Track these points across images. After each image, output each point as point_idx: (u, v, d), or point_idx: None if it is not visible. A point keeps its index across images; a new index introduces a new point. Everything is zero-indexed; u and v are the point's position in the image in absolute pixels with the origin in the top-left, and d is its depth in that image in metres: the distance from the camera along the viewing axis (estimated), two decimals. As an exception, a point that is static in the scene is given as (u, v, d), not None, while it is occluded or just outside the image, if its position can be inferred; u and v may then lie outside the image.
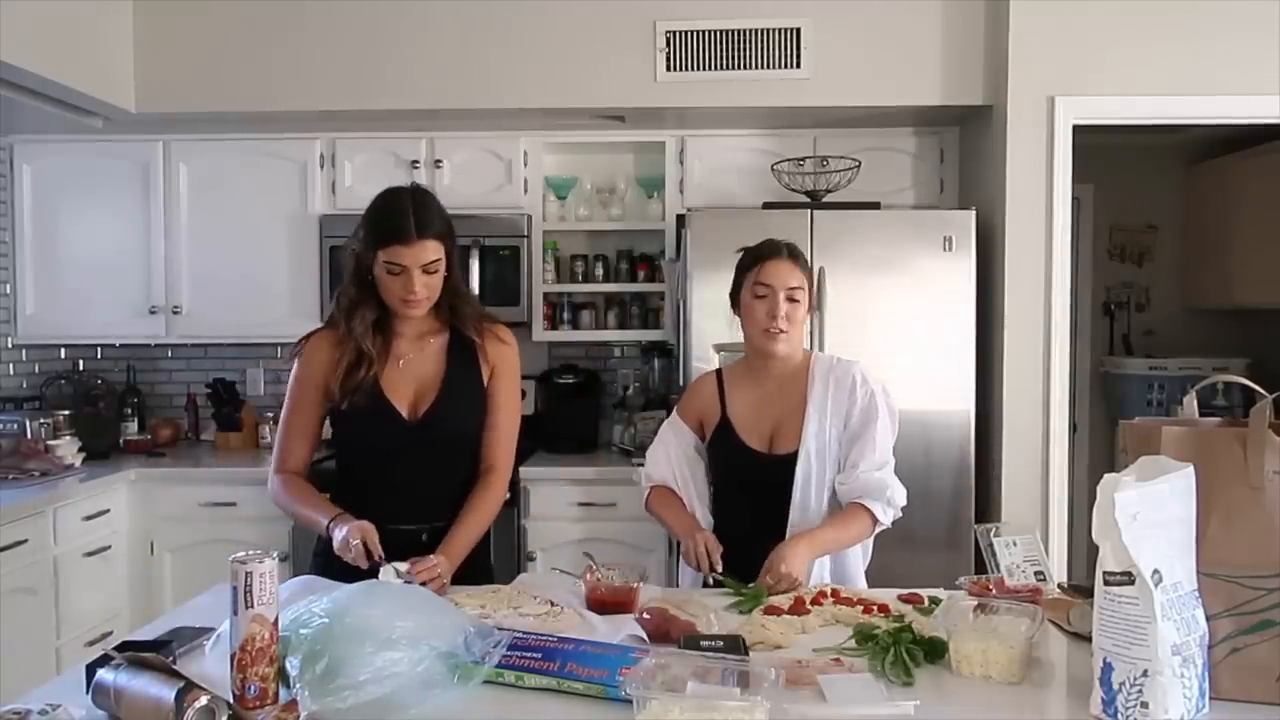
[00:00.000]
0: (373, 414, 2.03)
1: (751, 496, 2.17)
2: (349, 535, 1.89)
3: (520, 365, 2.21)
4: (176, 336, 4.05)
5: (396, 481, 2.06)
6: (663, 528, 2.41)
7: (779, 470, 2.14)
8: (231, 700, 1.30)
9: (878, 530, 2.14)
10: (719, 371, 2.32)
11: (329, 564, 1.95)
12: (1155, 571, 1.26)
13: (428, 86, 3.62)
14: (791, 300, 2.13)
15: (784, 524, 2.13)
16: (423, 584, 1.83)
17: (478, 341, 2.10)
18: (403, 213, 1.96)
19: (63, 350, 4.30)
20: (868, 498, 2.10)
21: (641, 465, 2.27)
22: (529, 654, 1.46)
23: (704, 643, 1.53)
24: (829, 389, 2.17)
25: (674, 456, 2.26)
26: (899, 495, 2.13)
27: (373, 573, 1.83)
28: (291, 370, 2.12)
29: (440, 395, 2.06)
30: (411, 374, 2.07)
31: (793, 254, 2.18)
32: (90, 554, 3.44)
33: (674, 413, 2.34)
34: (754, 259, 2.18)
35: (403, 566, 1.85)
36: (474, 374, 2.11)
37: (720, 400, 2.24)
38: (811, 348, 3.34)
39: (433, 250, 1.98)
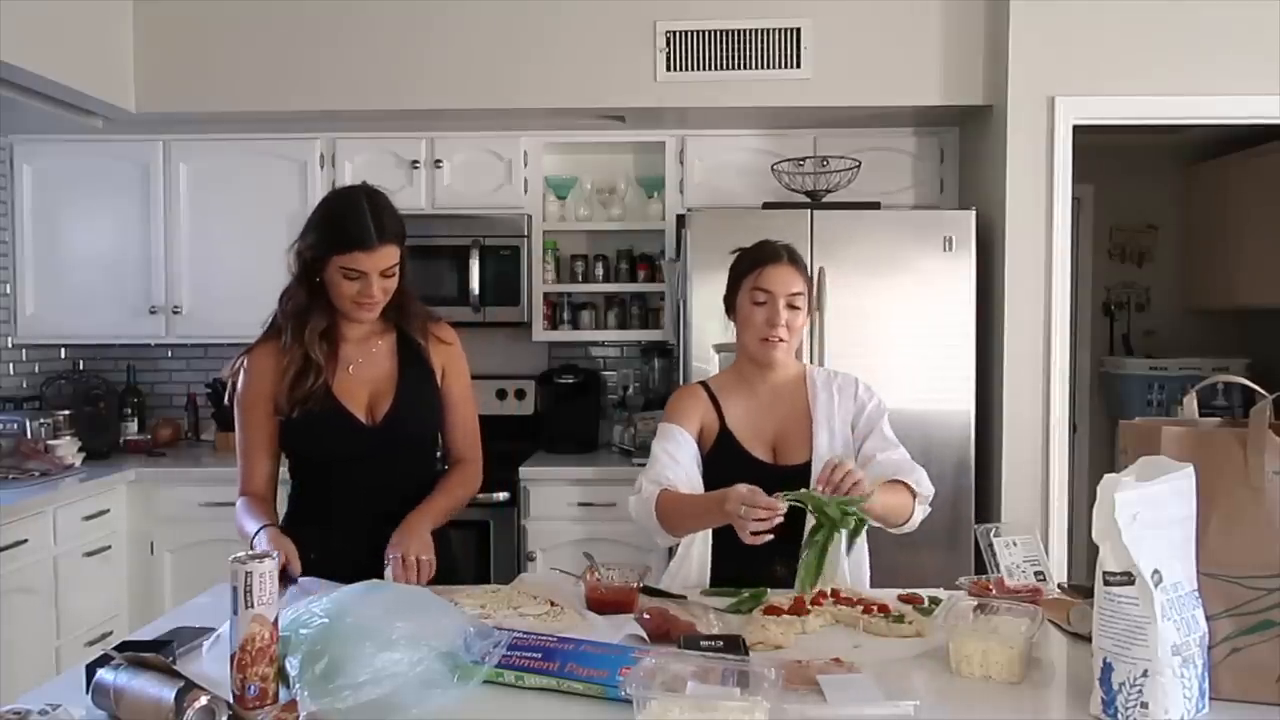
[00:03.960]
0: (329, 421, 1.98)
1: None
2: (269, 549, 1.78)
3: (467, 358, 2.17)
4: (176, 336, 4.06)
5: (358, 488, 2.02)
6: (679, 531, 2.06)
7: (790, 483, 1.99)
8: (231, 700, 1.30)
9: (919, 509, 2.00)
10: (704, 383, 2.19)
11: (320, 564, 1.91)
12: (1155, 572, 1.26)
13: (428, 86, 3.62)
14: (792, 307, 2.05)
15: (796, 540, 1.96)
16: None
17: (423, 342, 2.08)
18: (361, 217, 1.91)
19: (63, 350, 4.30)
20: (901, 475, 1.99)
21: (642, 465, 2.17)
22: (529, 654, 1.45)
23: (704, 643, 1.53)
24: (834, 398, 2.11)
25: (682, 459, 2.07)
26: (927, 482, 2.02)
27: (358, 575, 1.76)
28: (236, 387, 2.04)
29: (397, 397, 2.03)
30: (363, 378, 2.03)
31: (793, 258, 2.09)
32: (90, 554, 3.44)
33: (667, 424, 2.13)
34: (752, 263, 2.09)
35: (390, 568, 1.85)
36: (426, 372, 2.08)
37: (716, 410, 2.12)
38: (812, 348, 3.34)
39: (392, 255, 1.94)
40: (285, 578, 1.78)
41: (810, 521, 1.88)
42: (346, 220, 1.93)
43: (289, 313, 2.00)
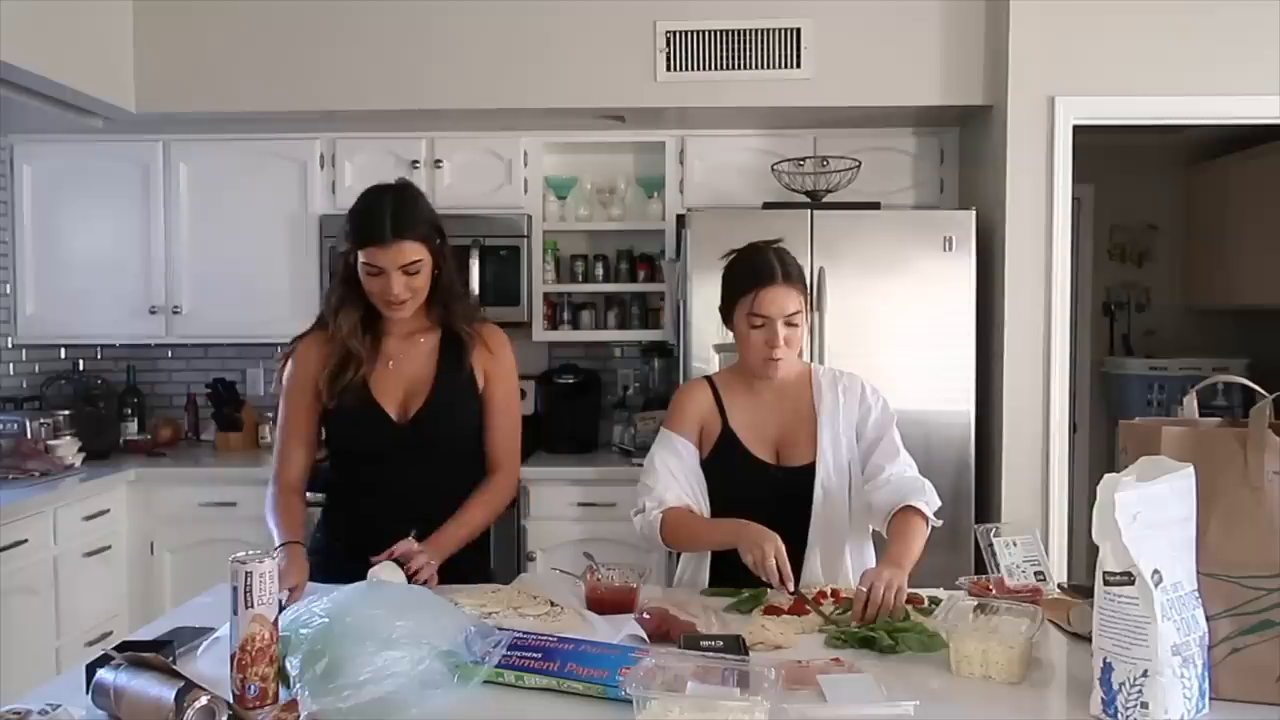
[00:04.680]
0: (361, 416, 2.00)
1: (764, 513, 1.94)
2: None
3: (516, 365, 2.16)
4: (176, 336, 4.05)
5: (388, 484, 2.03)
6: (683, 550, 2.10)
7: (794, 484, 2.00)
8: (231, 700, 1.30)
9: (927, 530, 1.99)
10: (709, 379, 2.17)
11: (324, 564, 1.93)
12: (1155, 571, 1.26)
13: (428, 86, 3.62)
14: (790, 325, 2.00)
15: (801, 541, 1.99)
16: (412, 575, 1.82)
17: (467, 345, 2.06)
18: (380, 213, 1.92)
19: (63, 350, 4.29)
20: (913, 498, 1.96)
21: (641, 465, 2.17)
22: (529, 654, 1.45)
23: (704, 643, 1.53)
24: (839, 399, 2.07)
25: (681, 475, 2.05)
26: (935, 496, 2.01)
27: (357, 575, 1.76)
28: (283, 374, 2.08)
29: (430, 397, 2.03)
30: (400, 375, 2.04)
31: (787, 275, 2.01)
32: (90, 554, 3.44)
33: (666, 430, 2.11)
34: (747, 285, 2.01)
35: (383, 572, 1.82)
36: (466, 375, 2.06)
37: (719, 410, 2.10)
38: (813, 348, 3.34)
39: (412, 251, 1.93)
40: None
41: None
42: (365, 215, 1.95)
43: (330, 305, 2.04)
